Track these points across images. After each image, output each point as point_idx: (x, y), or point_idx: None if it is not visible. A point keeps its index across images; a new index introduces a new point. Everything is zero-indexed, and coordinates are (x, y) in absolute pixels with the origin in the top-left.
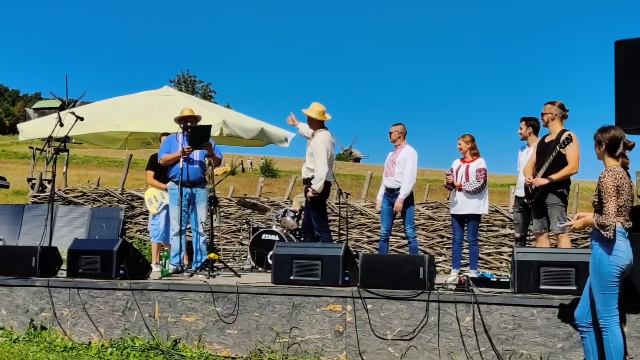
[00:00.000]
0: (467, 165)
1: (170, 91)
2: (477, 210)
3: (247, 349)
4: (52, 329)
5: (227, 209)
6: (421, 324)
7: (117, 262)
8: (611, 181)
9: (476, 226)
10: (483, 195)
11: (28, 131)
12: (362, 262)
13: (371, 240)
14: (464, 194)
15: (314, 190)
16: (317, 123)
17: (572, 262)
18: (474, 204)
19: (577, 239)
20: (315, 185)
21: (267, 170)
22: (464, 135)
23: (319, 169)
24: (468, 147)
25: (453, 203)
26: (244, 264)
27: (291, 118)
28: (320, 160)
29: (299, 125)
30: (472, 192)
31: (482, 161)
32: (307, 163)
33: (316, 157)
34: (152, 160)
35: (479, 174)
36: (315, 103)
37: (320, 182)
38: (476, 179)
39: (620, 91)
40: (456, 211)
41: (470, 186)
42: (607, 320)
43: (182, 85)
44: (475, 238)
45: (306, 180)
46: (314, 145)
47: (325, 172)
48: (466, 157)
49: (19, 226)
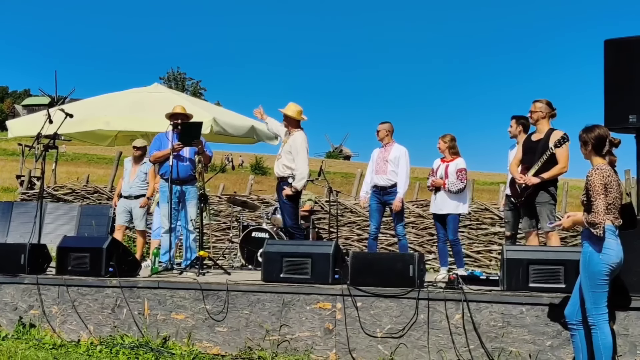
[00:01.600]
0: (446, 165)
1: (160, 88)
2: (457, 210)
3: (236, 346)
4: (41, 327)
5: (217, 207)
6: (411, 321)
7: (106, 259)
8: (599, 179)
9: (456, 225)
10: (463, 195)
11: (17, 128)
12: (352, 260)
13: (361, 238)
14: (445, 193)
15: (296, 189)
16: (295, 122)
17: (561, 260)
18: (453, 204)
19: (566, 237)
20: (297, 183)
21: (258, 168)
22: (444, 135)
23: (301, 168)
24: (446, 147)
25: (433, 202)
26: (233, 262)
27: (259, 111)
28: (302, 160)
29: (267, 119)
30: (455, 192)
31: (461, 161)
32: (284, 161)
33: (298, 157)
34: None
35: (460, 174)
36: (292, 103)
37: (302, 181)
38: (459, 180)
39: (610, 90)
40: (436, 210)
41: (454, 186)
42: (597, 318)
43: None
44: (456, 238)
45: (282, 178)
46: (295, 144)
47: (307, 171)
48: (445, 156)
49: (8, 223)
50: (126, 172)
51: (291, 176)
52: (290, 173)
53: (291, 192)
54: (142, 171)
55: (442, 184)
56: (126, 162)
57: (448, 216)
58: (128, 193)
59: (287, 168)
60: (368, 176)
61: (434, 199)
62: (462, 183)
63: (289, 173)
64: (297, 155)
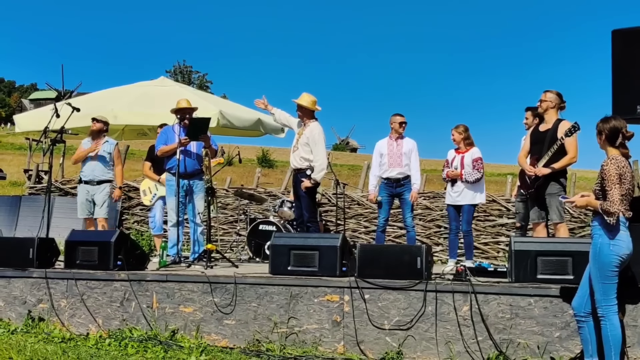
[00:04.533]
0: (462, 156)
1: (167, 82)
2: (474, 200)
3: (245, 339)
4: (50, 320)
5: (224, 200)
6: (419, 313)
7: (114, 253)
8: (614, 169)
9: (471, 216)
10: (480, 185)
11: (24, 122)
12: (360, 252)
13: (368, 231)
14: (463, 184)
15: (315, 181)
16: (310, 113)
17: (570, 252)
18: (470, 194)
19: (574, 229)
20: (316, 175)
21: (264, 161)
22: (457, 126)
23: (321, 159)
24: (461, 138)
25: (450, 193)
26: (241, 255)
27: (263, 102)
28: (321, 151)
29: (274, 110)
30: (472, 182)
31: (477, 150)
32: (301, 153)
33: (316, 148)
34: (150, 151)
35: (476, 163)
36: (306, 93)
37: (322, 172)
38: (476, 170)
39: (617, 80)
40: (453, 201)
41: (471, 176)
42: (606, 309)
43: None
44: (469, 228)
45: (299, 170)
46: (312, 136)
47: (326, 163)
48: (460, 147)
49: (16, 217)
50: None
51: (309, 168)
52: (308, 165)
53: (310, 184)
54: (107, 151)
55: (459, 175)
56: (85, 143)
57: (464, 206)
58: (90, 177)
59: (305, 160)
60: (375, 169)
61: (449, 190)
62: (479, 173)
63: (307, 165)
64: (315, 147)
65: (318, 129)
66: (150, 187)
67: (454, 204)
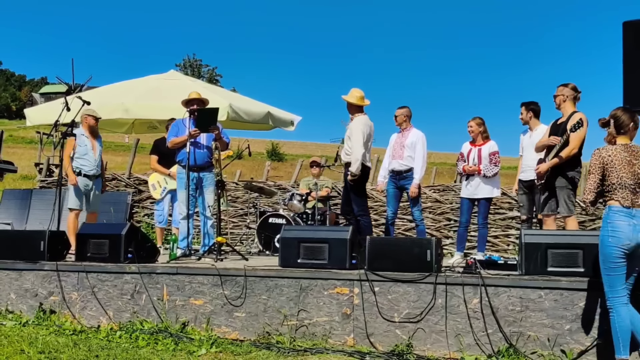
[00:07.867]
0: (478, 149)
1: (176, 75)
2: (491, 193)
3: (255, 331)
4: (61, 313)
5: (234, 193)
6: (428, 306)
7: (125, 245)
8: (593, 159)
9: (487, 209)
10: (497, 178)
11: (35, 116)
12: (369, 245)
13: (378, 224)
14: (480, 178)
15: (353, 173)
16: (356, 108)
17: (580, 244)
18: (487, 188)
19: (584, 222)
20: (352, 167)
21: (274, 154)
22: (475, 118)
23: (355, 151)
24: (479, 130)
25: (466, 186)
26: (251, 248)
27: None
28: (356, 143)
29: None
30: (491, 177)
31: (494, 144)
32: (345, 146)
33: (352, 140)
34: (156, 145)
35: (494, 157)
36: (355, 89)
37: (357, 163)
38: (494, 164)
39: (628, 72)
40: (469, 195)
41: (489, 171)
42: (613, 301)
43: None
44: (485, 221)
45: (346, 164)
46: (351, 128)
47: (360, 153)
48: (477, 140)
49: (27, 211)
50: (85, 147)
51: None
52: (350, 158)
53: (350, 177)
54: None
55: (477, 170)
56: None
57: (481, 200)
58: (94, 172)
59: (348, 154)
60: (386, 161)
61: (465, 184)
62: (497, 167)
63: (349, 158)
64: (352, 138)
65: (358, 121)
66: (160, 181)
67: (470, 197)
